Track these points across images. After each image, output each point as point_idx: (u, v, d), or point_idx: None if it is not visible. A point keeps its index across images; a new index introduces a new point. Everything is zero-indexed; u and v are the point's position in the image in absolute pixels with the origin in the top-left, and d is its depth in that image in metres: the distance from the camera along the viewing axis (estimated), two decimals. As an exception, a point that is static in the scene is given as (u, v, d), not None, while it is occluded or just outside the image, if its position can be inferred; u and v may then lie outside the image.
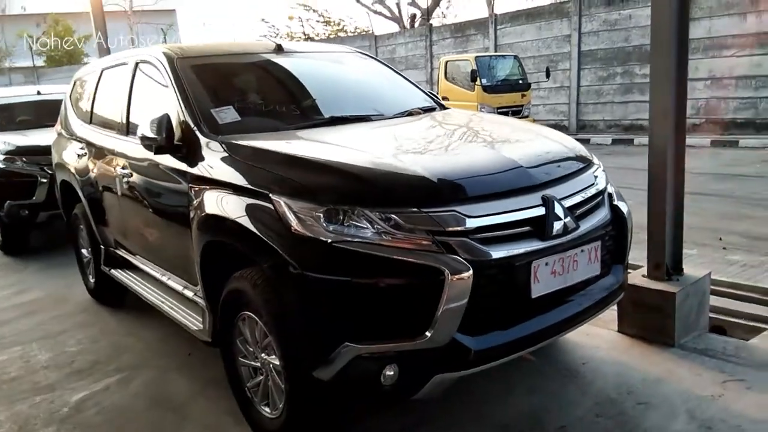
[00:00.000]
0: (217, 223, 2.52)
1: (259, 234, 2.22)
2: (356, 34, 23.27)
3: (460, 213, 2.03)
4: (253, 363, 2.54)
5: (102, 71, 4.21)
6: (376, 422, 2.65)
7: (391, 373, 2.01)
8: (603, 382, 2.81)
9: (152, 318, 4.14)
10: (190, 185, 2.71)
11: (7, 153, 6.08)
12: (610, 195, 2.58)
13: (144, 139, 2.82)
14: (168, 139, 2.75)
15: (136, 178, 3.31)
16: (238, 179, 2.42)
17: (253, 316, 2.40)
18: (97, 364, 3.51)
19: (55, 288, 5.03)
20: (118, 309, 4.41)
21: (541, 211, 2.17)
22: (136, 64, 3.56)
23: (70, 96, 4.86)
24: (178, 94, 2.95)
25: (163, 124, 2.75)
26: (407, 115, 3.24)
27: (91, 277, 4.63)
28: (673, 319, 3.08)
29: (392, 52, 19.90)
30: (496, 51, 16.38)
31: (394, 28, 23.07)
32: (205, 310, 2.84)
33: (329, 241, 2.01)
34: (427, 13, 21.75)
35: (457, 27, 18.27)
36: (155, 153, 2.85)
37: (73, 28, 25.02)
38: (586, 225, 2.31)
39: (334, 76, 3.65)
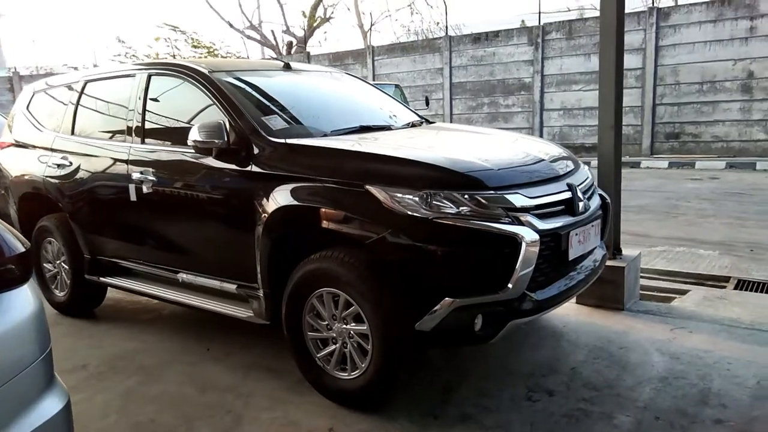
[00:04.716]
0: (296, 215, 2.88)
1: (357, 217, 2.65)
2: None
3: (522, 194, 2.64)
4: (324, 335, 2.91)
5: (85, 83, 4.28)
6: (425, 377, 3.13)
7: (479, 321, 2.55)
8: (586, 337, 3.55)
9: (140, 324, 4.26)
10: (254, 184, 3.02)
11: None
12: (594, 186, 3.35)
13: (198, 143, 3.10)
14: (227, 143, 3.07)
15: (165, 183, 3.47)
16: (319, 174, 2.81)
17: (333, 290, 2.79)
18: (114, 366, 3.54)
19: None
20: (94, 320, 4.41)
21: (568, 194, 2.85)
22: (149, 76, 3.76)
23: (28, 108, 4.78)
24: (225, 104, 3.24)
25: (222, 130, 3.06)
26: (412, 126, 3.81)
27: (58, 291, 4.55)
28: (623, 288, 3.93)
29: (270, 77, 20.20)
30: (374, 80, 17.41)
31: (269, 54, 23.39)
32: (257, 298, 3.15)
33: (430, 217, 2.51)
34: (304, 42, 22.40)
35: (335, 56, 19.11)
36: (215, 157, 3.14)
37: None
38: (592, 206, 3.04)
39: (341, 91, 4.13)
